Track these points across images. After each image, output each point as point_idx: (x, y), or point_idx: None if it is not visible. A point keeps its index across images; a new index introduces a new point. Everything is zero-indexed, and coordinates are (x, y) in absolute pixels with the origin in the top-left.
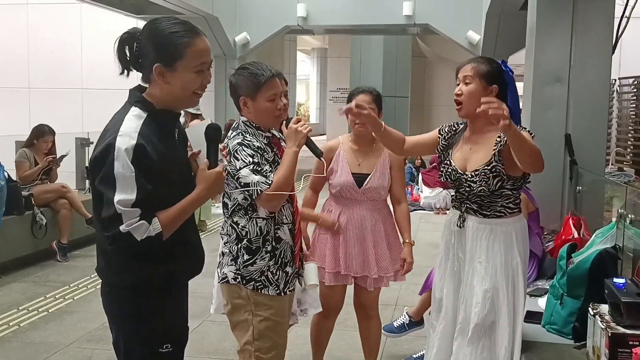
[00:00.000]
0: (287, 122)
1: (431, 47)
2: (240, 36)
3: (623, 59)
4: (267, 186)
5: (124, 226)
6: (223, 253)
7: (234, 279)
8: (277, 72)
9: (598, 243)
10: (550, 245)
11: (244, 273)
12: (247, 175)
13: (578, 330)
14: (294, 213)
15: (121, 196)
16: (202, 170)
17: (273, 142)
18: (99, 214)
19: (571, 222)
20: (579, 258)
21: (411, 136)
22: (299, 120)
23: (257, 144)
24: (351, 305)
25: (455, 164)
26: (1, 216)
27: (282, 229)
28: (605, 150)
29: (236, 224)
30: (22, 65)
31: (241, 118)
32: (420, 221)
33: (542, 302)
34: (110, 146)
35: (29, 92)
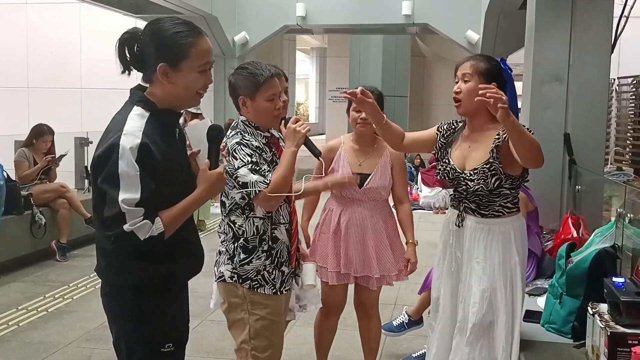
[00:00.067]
0: (286, 122)
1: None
2: (239, 36)
3: (622, 58)
4: (265, 186)
5: (127, 225)
6: (220, 252)
7: (231, 278)
8: (277, 72)
9: (597, 242)
10: (549, 244)
11: (240, 272)
12: (246, 174)
13: (577, 329)
14: (291, 213)
15: (125, 195)
16: (204, 170)
17: (272, 142)
18: (100, 213)
19: (570, 222)
20: (578, 257)
21: (410, 133)
22: (297, 120)
23: (256, 144)
24: (351, 304)
25: (454, 162)
26: (0, 216)
27: (279, 229)
28: (604, 150)
29: (233, 223)
30: (21, 65)
31: (240, 117)
32: (419, 221)
33: (541, 302)
34: (114, 145)
35: (28, 92)
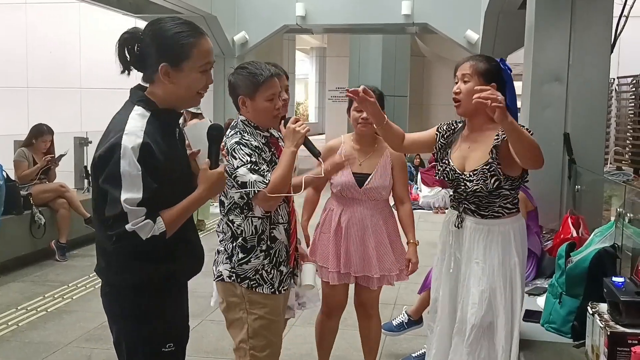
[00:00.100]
0: (286, 122)
1: (430, 47)
2: (238, 35)
3: (622, 58)
4: (264, 185)
5: (129, 225)
6: (219, 251)
7: (229, 277)
8: (276, 72)
9: (597, 242)
10: (549, 244)
11: (239, 271)
12: (245, 174)
13: (577, 329)
14: (290, 213)
15: (128, 195)
16: (204, 170)
17: (271, 142)
18: (101, 213)
19: (570, 221)
20: (578, 257)
21: (409, 134)
22: (297, 120)
23: (255, 143)
24: (351, 304)
25: (454, 163)
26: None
27: (278, 229)
28: (604, 149)
29: (232, 222)
30: (21, 65)
31: (240, 117)
32: (419, 220)
33: (541, 301)
34: (115, 145)
35: (27, 92)
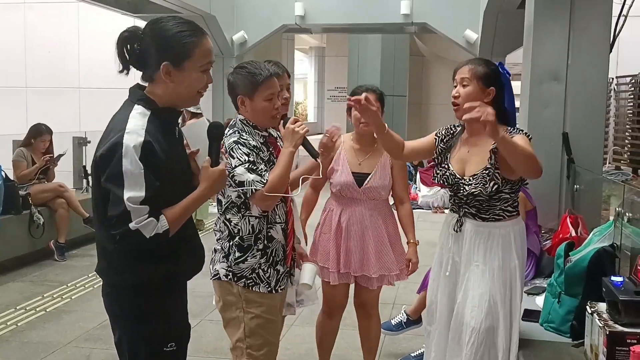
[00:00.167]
0: (285, 122)
1: (429, 46)
2: (237, 35)
3: (621, 57)
4: (262, 185)
5: (133, 223)
6: (215, 250)
7: (226, 276)
8: (275, 71)
9: (596, 241)
10: (547, 243)
11: (235, 270)
12: (242, 173)
13: (576, 328)
14: (287, 212)
15: (130, 193)
16: (206, 168)
17: (269, 142)
18: (103, 212)
19: (569, 221)
20: (577, 256)
21: (409, 141)
22: (296, 121)
23: (253, 143)
24: (351, 304)
25: (453, 167)
26: None
27: (275, 228)
28: (603, 149)
29: (229, 221)
30: (20, 65)
31: (238, 116)
32: (418, 220)
33: (540, 301)
34: (117, 144)
35: (26, 92)
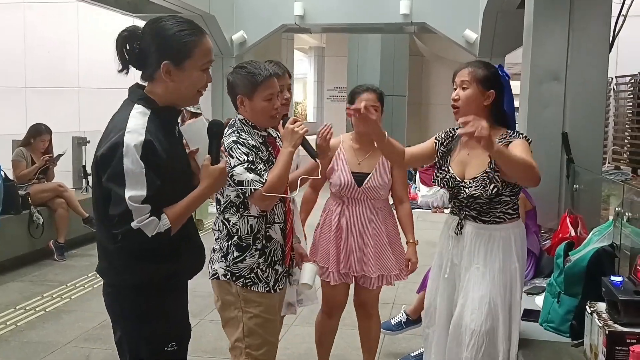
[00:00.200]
0: (285, 122)
1: (428, 46)
2: (237, 35)
3: (620, 57)
4: (261, 185)
5: (135, 222)
6: (214, 249)
7: (224, 276)
8: (275, 71)
9: (595, 241)
10: (547, 243)
11: (234, 270)
12: (241, 173)
13: (575, 328)
14: (286, 212)
15: (132, 192)
16: (206, 166)
17: (268, 141)
18: (103, 212)
19: (568, 221)
20: (576, 256)
21: (409, 148)
22: (295, 121)
23: (252, 143)
24: (350, 304)
25: (454, 170)
26: None
27: (273, 228)
28: (602, 149)
29: (227, 221)
30: (19, 65)
31: (237, 116)
32: (417, 220)
33: (540, 300)
34: (118, 143)
35: (25, 91)
